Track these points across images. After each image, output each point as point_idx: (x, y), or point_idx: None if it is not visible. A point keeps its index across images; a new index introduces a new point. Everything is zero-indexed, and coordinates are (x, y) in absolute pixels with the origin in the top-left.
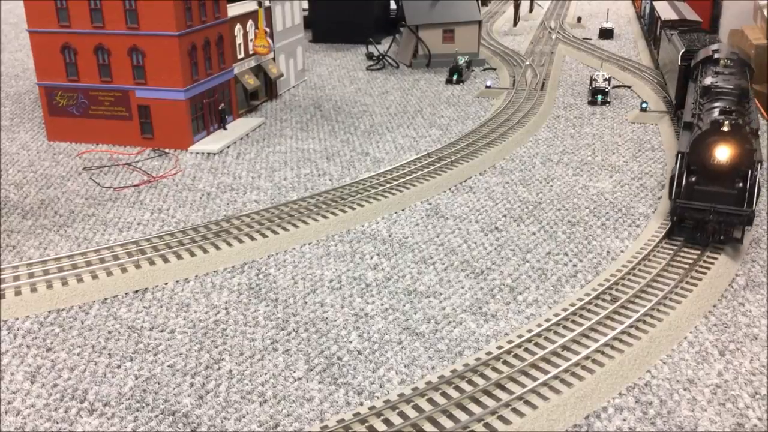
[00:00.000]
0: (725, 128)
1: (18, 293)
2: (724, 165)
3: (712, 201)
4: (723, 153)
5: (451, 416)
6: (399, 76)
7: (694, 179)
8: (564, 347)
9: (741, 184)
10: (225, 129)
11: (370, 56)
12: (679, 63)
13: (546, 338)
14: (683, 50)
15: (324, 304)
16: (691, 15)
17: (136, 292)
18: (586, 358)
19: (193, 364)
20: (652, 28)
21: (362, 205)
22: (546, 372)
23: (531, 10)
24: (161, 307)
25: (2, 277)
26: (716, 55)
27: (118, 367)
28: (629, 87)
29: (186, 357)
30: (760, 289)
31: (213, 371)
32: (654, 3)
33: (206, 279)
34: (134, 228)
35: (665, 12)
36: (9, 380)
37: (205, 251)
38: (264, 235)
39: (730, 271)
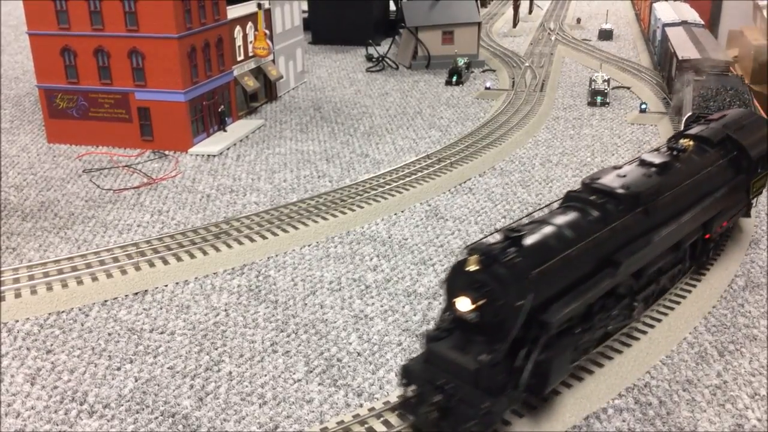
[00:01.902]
0: (472, 267)
1: (18, 295)
2: (474, 321)
3: (446, 371)
4: (464, 305)
5: None
6: (398, 78)
7: (436, 330)
8: None
9: (489, 357)
10: (225, 131)
11: (369, 58)
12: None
13: None
14: (688, 114)
15: (324, 306)
16: (716, 52)
17: (136, 294)
18: (586, 359)
19: (192, 366)
20: (665, 63)
21: (362, 207)
22: None
23: (530, 12)
24: (161, 309)
25: (2, 279)
26: (695, 131)
27: (118, 369)
28: (628, 88)
29: (186, 359)
30: (759, 290)
31: (213, 373)
32: (667, 30)
33: (206, 281)
34: (134, 230)
35: (683, 47)
36: (9, 382)
37: (204, 253)
38: (264, 237)
39: (730, 272)
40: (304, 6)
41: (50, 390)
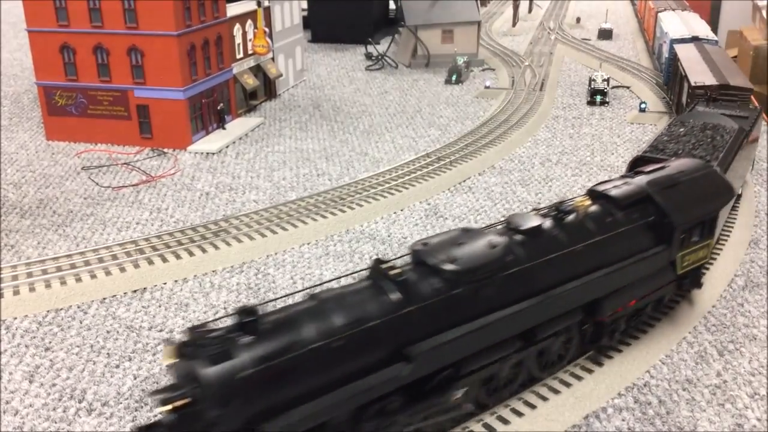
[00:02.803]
0: (167, 360)
1: (16, 293)
2: (172, 424)
3: None
4: (159, 403)
5: None
6: (398, 77)
7: (153, 425)
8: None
9: None
10: (224, 129)
11: (369, 56)
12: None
13: None
14: (636, 156)
15: None
16: (736, 78)
17: (135, 291)
18: (587, 359)
19: None
20: (673, 86)
21: (361, 205)
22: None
23: (530, 11)
24: (160, 306)
25: (1, 276)
26: (606, 187)
27: (117, 366)
28: (628, 87)
29: None
30: (759, 290)
31: None
32: (677, 48)
33: (205, 279)
34: (133, 228)
35: (695, 70)
36: (7, 380)
37: (203, 251)
38: (263, 235)
39: (730, 272)
40: (304, 4)
41: (49, 387)
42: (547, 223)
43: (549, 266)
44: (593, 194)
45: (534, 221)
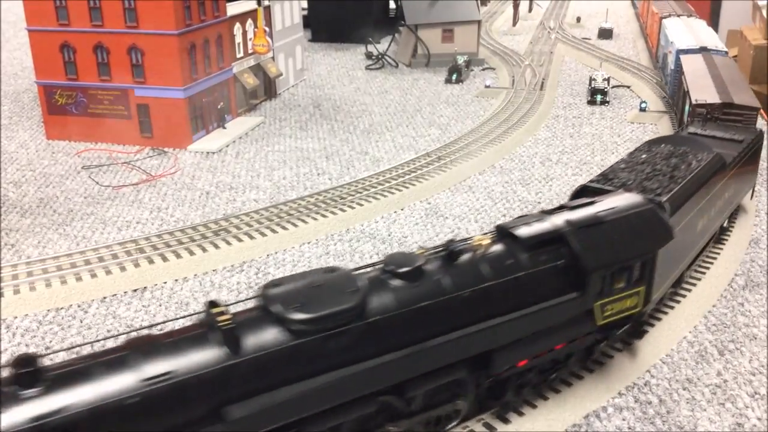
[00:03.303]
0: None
1: (17, 292)
2: None
3: None
4: None
5: None
6: (398, 76)
7: None
8: None
9: None
10: (224, 128)
11: (369, 55)
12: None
13: None
14: (581, 185)
15: None
16: (742, 96)
17: (135, 290)
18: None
19: None
20: (677, 100)
21: (361, 204)
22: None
23: (530, 10)
24: (160, 306)
25: (1, 275)
26: (516, 224)
27: None
28: (628, 87)
29: None
30: (759, 289)
31: None
32: (683, 59)
33: (205, 278)
34: (133, 227)
35: (699, 85)
36: None
37: (204, 250)
38: (263, 234)
39: (730, 271)
40: (304, 3)
41: None
42: (432, 265)
43: (425, 315)
44: (500, 232)
45: (414, 262)
